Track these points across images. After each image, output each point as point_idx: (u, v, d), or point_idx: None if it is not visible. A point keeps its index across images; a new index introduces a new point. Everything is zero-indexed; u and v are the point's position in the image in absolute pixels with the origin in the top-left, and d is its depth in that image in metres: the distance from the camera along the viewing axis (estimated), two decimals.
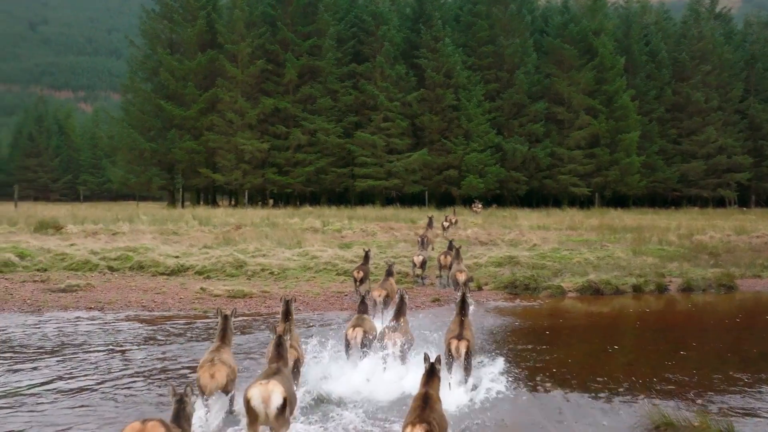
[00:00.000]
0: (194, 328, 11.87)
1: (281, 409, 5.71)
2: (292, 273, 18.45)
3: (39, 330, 11.42)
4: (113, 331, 11.46)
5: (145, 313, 13.33)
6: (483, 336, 11.20)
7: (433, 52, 56.38)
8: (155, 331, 11.51)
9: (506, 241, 26.90)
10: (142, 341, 10.73)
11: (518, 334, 11.90)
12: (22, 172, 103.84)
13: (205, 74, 55.32)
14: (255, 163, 53.76)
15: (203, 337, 11.01)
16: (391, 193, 56.76)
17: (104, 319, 12.59)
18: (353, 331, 9.05)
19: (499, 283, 17.25)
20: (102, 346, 10.35)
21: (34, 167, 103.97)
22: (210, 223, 32.60)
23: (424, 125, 56.42)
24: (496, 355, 9.83)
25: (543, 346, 10.90)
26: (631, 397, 8.20)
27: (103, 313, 13.27)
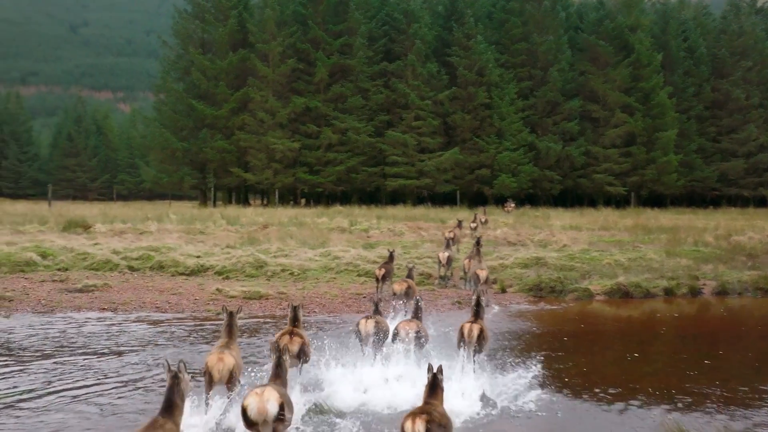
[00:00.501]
0: (201, 331, 11.60)
1: (279, 417, 5.66)
2: (313, 273, 18.12)
3: (43, 331, 11.23)
4: (117, 334, 11.23)
5: (156, 315, 13.10)
6: (498, 341, 10.71)
7: (465, 49, 55.71)
8: (160, 334, 11.25)
9: (536, 241, 26.29)
10: (142, 344, 10.46)
11: (537, 339, 11.39)
12: (62, 172, 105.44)
13: (237, 74, 55.40)
14: (286, 162, 53.69)
15: (207, 340, 10.70)
16: (423, 192, 56.22)
17: (113, 321, 12.39)
18: (366, 322, 8.86)
19: (524, 286, 16.73)
20: (101, 349, 10.10)
21: (72, 167, 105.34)
22: (237, 223, 32.49)
23: (456, 124, 55.80)
24: (506, 362, 9.35)
25: (560, 352, 10.39)
26: (647, 409, 7.68)
27: (114, 314, 13.07)
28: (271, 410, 5.59)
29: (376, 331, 8.83)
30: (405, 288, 12.64)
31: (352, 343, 9.97)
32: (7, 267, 17.98)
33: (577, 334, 12.13)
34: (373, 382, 8.13)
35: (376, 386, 8.02)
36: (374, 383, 8.10)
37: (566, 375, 9.01)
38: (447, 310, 14.20)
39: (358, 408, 7.49)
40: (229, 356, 6.99)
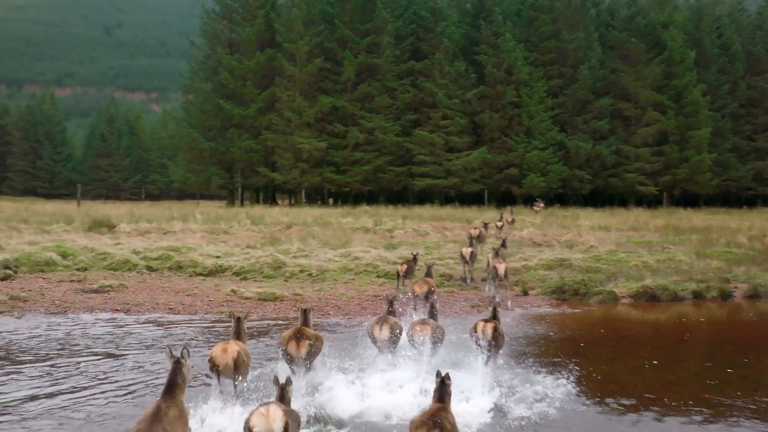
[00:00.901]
0: (209, 333, 11.36)
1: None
2: (331, 275, 17.84)
3: (47, 333, 11.08)
4: (123, 336, 11.04)
5: (168, 316, 12.91)
6: (512, 347, 10.30)
7: (494, 48, 55.12)
8: (165, 337, 11.03)
9: (562, 242, 25.71)
10: (146, 347, 10.25)
11: (553, 345, 10.94)
12: (94, 172, 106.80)
13: (264, 73, 55.44)
14: (313, 161, 53.59)
15: (212, 344, 10.43)
16: (450, 192, 55.75)
17: (122, 322, 12.21)
18: (380, 329, 8.75)
19: (546, 288, 16.27)
20: (101, 351, 9.90)
21: (105, 167, 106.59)
22: (261, 223, 32.40)
23: (484, 123, 55.23)
24: (518, 369, 8.96)
25: (576, 359, 9.91)
26: (661, 422, 7.25)
27: (126, 316, 12.91)
28: (277, 430, 5.44)
29: (390, 336, 8.74)
30: (426, 290, 12.48)
31: (355, 347, 9.72)
32: (27, 267, 17.95)
33: (598, 339, 11.67)
34: (375, 389, 7.80)
35: (378, 393, 7.68)
36: (376, 390, 7.77)
37: (581, 383, 8.58)
38: (465, 313, 13.81)
39: (359, 416, 7.17)
40: (233, 347, 7.06)
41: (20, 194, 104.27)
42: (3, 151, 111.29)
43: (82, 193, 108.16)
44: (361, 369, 8.53)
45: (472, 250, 17.66)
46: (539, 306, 14.81)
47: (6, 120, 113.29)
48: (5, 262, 17.86)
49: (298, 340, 7.65)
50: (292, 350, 7.64)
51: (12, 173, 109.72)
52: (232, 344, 7.14)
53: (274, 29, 55.87)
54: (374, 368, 8.59)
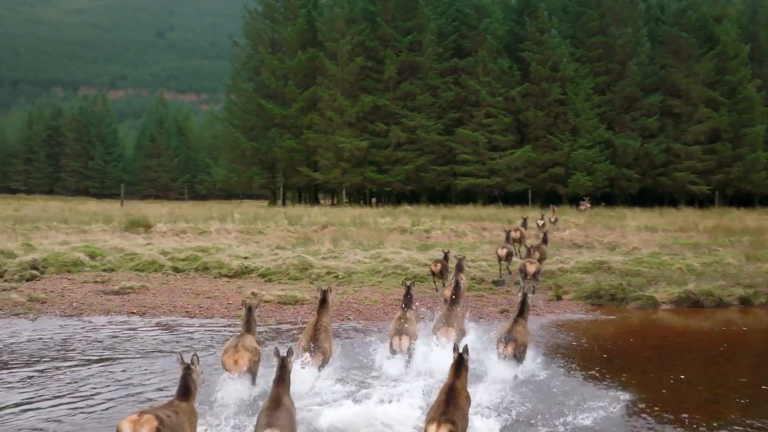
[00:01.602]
0: (218, 338, 10.91)
1: None
2: (358, 277, 17.30)
3: (51, 337, 10.76)
4: (126, 340, 10.66)
5: (182, 320, 12.53)
6: (532, 357, 9.60)
7: (539, 44, 54.04)
8: (171, 341, 10.62)
9: (604, 243, 24.71)
10: (146, 352, 9.83)
11: (581, 356, 10.19)
12: (144, 172, 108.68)
13: (306, 73, 55.35)
14: (354, 161, 53.27)
15: (214, 350, 9.99)
16: (493, 191, 54.84)
17: (132, 326, 11.86)
18: (399, 340, 8.81)
19: (581, 293, 15.41)
20: (94, 357, 9.49)
21: (155, 167, 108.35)
22: (298, 223, 32.15)
23: (529, 121, 54.19)
24: (532, 385, 8.28)
25: (605, 371, 9.18)
26: None
27: (141, 319, 12.58)
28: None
29: (409, 346, 8.83)
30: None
31: (365, 356, 9.21)
32: (55, 267, 17.84)
33: (631, 349, 10.87)
34: (372, 403, 7.26)
35: (375, 408, 7.12)
36: (372, 404, 7.23)
37: (604, 401, 7.86)
38: (492, 318, 13.12)
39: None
40: (244, 356, 7.41)
41: (72, 194, 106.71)
42: (56, 152, 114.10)
43: (132, 193, 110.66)
44: (362, 382, 7.96)
45: (508, 250, 17.25)
46: (572, 312, 14.02)
47: (59, 121, 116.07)
48: (33, 262, 17.79)
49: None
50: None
51: (65, 173, 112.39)
52: (243, 353, 7.40)
53: (315, 28, 55.79)
54: (379, 380, 8.32)
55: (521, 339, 8.75)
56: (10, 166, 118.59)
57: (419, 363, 8.82)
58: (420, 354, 9.00)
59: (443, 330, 9.24)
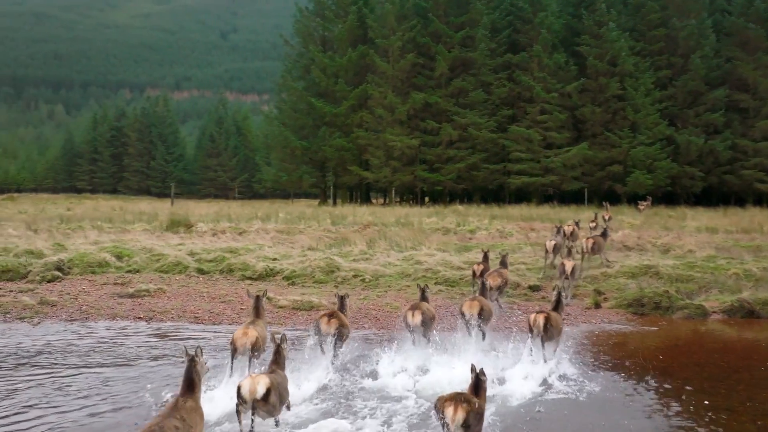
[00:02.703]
0: (210, 347, 10.18)
1: (265, 397, 6.19)
2: (386, 280, 16.45)
3: (31, 342, 10.30)
4: (113, 346, 10.15)
5: (186, 326, 11.97)
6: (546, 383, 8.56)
7: (596, 38, 52.09)
8: (152, 350, 9.98)
9: (658, 245, 23.18)
10: (119, 362, 9.21)
11: (606, 375, 9.08)
12: (204, 172, 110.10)
13: (356, 70, 54.78)
14: (404, 160, 52.41)
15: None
16: (548, 190, 53.13)
17: (131, 331, 11.35)
18: (413, 314, 9.34)
19: (622, 300, 14.19)
20: (71, 364, 9.02)
21: (214, 167, 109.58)
22: (341, 222, 31.55)
23: (586, 117, 52.32)
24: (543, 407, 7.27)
25: (634, 395, 8.08)
26: None
27: (146, 324, 12.08)
28: (260, 391, 6.14)
29: (422, 320, 9.31)
30: (499, 283, 13.11)
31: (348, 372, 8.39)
32: (79, 268, 17.55)
33: (669, 368, 9.67)
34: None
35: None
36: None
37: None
38: (524, 328, 12.04)
39: None
40: (252, 333, 8.07)
41: (135, 193, 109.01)
42: (120, 152, 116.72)
43: (192, 192, 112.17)
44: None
45: (556, 242, 16.93)
46: (610, 322, 12.85)
47: (123, 122, 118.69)
48: (58, 263, 17.54)
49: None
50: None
51: (128, 173, 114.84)
52: (252, 330, 8.11)
53: (366, 25, 55.14)
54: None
55: (555, 318, 9.10)
56: (76, 166, 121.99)
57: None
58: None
59: (468, 303, 9.88)
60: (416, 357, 9.23)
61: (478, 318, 9.75)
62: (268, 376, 6.32)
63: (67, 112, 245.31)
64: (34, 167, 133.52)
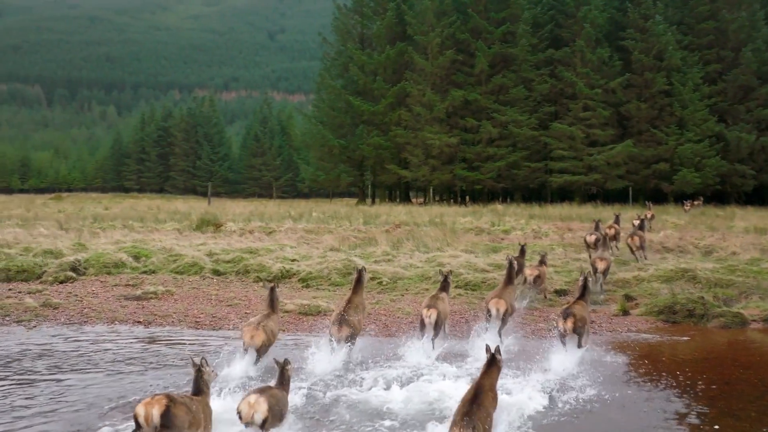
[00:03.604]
0: (186, 353, 9.61)
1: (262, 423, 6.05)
2: (404, 283, 15.74)
3: (16, 346, 9.90)
4: (90, 352, 9.64)
5: (182, 331, 11.44)
6: (556, 388, 7.74)
7: (642, 32, 50.51)
8: (129, 358, 9.43)
9: (700, 247, 21.96)
10: (84, 371, 8.71)
11: (622, 392, 8.21)
12: (249, 171, 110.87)
13: (394, 68, 54.22)
14: (443, 158, 51.61)
15: (169, 365, 8.67)
16: (591, 189, 51.72)
17: (120, 336, 10.90)
18: (428, 311, 9.57)
19: (653, 307, 13.18)
20: (39, 374, 8.51)
21: (258, 166, 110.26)
22: (374, 222, 31.01)
23: (631, 114, 50.78)
24: None
25: (649, 418, 7.21)
26: None
27: (144, 328, 11.64)
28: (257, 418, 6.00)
29: (436, 320, 9.55)
30: (535, 276, 13.23)
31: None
32: (95, 268, 17.28)
33: (693, 386, 8.68)
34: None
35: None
36: None
37: None
38: (541, 335, 11.21)
39: None
40: (260, 335, 8.48)
41: (181, 192, 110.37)
42: (167, 152, 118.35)
43: (237, 192, 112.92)
44: None
45: (597, 237, 16.79)
46: (637, 330, 11.88)
47: (169, 122, 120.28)
48: (73, 263, 17.29)
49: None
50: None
51: (174, 172, 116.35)
52: (260, 332, 8.50)
53: (405, 22, 54.61)
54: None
55: (580, 313, 9.15)
56: (124, 166, 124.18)
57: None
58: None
59: (494, 301, 10.11)
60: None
61: (502, 321, 10.15)
62: (266, 401, 6.12)
63: (118, 113, 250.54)
64: (84, 167, 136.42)
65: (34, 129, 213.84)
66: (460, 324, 12.03)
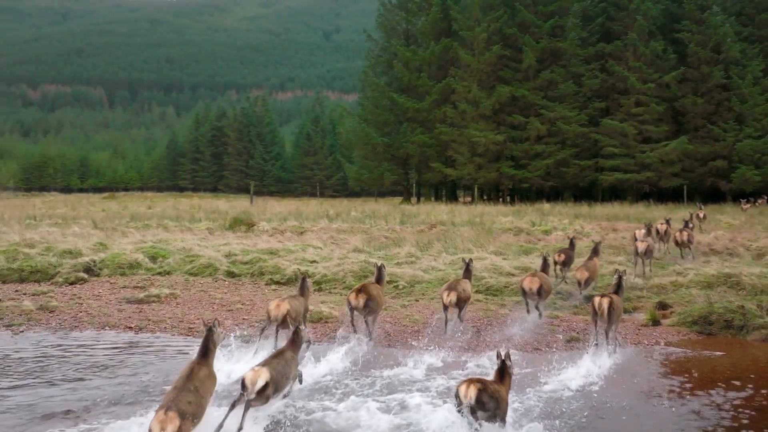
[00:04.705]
0: (160, 360, 8.93)
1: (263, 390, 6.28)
2: (421, 288, 14.88)
3: None
4: (53, 361, 9.08)
5: (168, 339, 10.83)
6: (550, 415, 6.78)
7: (699, 23, 48.47)
8: (89, 367, 8.82)
9: (752, 249, 20.47)
10: (31, 377, 8.13)
11: (628, 421, 7.20)
12: (301, 170, 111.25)
13: (439, 64, 53.28)
14: (489, 156, 50.42)
15: (130, 374, 7.99)
16: (644, 188, 49.80)
17: (93, 344, 10.31)
18: (448, 294, 10.32)
19: (686, 317, 11.98)
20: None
21: (310, 165, 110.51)
22: (410, 222, 30.26)
23: (686, 109, 48.79)
24: None
25: None
26: None
27: (134, 333, 11.09)
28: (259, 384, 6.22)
29: (456, 300, 10.40)
30: (586, 278, 12.91)
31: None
32: (110, 269, 16.94)
33: (720, 414, 7.65)
34: None
35: None
36: None
37: None
38: (555, 349, 10.20)
39: None
40: (284, 305, 9.07)
41: (234, 192, 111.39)
42: (220, 152, 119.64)
43: (289, 191, 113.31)
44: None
45: (649, 245, 15.91)
46: (666, 343, 10.73)
47: (223, 122, 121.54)
48: (87, 264, 16.98)
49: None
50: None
51: (227, 172, 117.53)
52: (285, 304, 9.11)
53: (450, 17, 53.64)
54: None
55: (617, 302, 9.52)
56: (179, 166, 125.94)
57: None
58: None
59: (529, 279, 11.19)
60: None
61: (537, 295, 11.00)
62: (269, 370, 6.46)
63: (176, 113, 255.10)
64: (140, 167, 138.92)
65: (95, 130, 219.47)
66: (465, 332, 11.09)
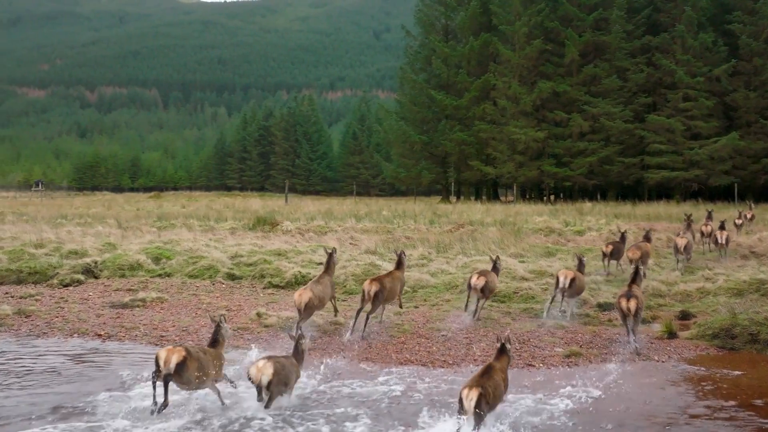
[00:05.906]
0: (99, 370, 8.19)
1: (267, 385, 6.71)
2: (425, 293, 13.96)
3: None
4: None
5: (134, 348, 10.16)
6: None
7: (751, 14, 46.42)
8: (49, 370, 8.12)
9: None
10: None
11: None
12: (347, 169, 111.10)
13: (479, 60, 52.12)
14: (530, 153, 49.05)
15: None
16: (693, 186, 47.77)
17: (50, 352, 9.66)
18: (477, 278, 10.89)
19: (706, 329, 10.76)
20: None
21: (356, 164, 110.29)
22: (438, 222, 29.33)
23: (737, 104, 46.71)
24: None
25: None
26: None
27: (101, 342, 10.47)
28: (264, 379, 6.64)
29: (483, 287, 10.90)
30: (638, 258, 13.87)
31: None
32: (110, 270, 16.43)
33: None
34: None
35: None
36: None
37: None
38: (552, 365, 9.16)
39: None
40: (306, 294, 9.73)
41: (280, 191, 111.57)
42: (267, 151, 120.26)
43: (335, 190, 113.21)
44: None
45: (688, 242, 15.83)
46: (678, 359, 9.56)
47: (270, 122, 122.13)
48: (87, 265, 16.54)
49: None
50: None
51: (274, 171, 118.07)
52: (307, 292, 9.77)
53: (490, 11, 52.55)
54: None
55: (641, 298, 9.86)
56: (226, 165, 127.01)
57: None
58: None
59: (563, 271, 11.40)
60: None
61: (569, 288, 11.13)
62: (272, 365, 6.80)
63: (228, 113, 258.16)
64: (189, 166, 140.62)
65: (149, 130, 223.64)
66: (458, 348, 10.10)
